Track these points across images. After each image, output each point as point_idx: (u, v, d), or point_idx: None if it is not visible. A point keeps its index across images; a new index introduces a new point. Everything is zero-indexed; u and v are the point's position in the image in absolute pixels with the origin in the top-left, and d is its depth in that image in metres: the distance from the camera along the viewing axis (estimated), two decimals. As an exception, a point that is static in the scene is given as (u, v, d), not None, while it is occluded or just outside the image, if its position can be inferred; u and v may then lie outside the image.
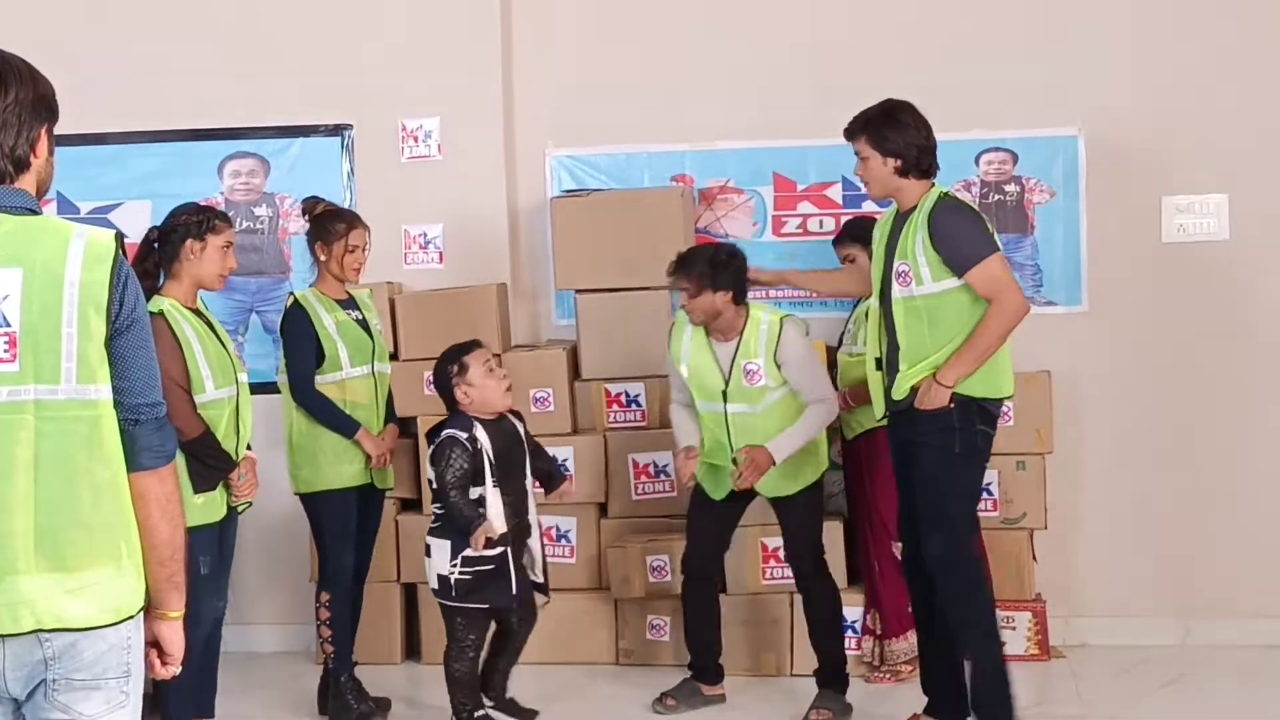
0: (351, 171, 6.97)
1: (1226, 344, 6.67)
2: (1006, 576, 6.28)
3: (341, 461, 5.73)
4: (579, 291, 6.71)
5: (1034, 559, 6.41)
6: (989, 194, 6.71)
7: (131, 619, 2.83)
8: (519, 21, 7.03)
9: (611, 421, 6.63)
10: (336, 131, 6.98)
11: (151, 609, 2.92)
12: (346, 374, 5.74)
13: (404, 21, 6.91)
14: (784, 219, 6.88)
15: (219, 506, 5.01)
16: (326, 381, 5.72)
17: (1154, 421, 6.71)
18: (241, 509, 5.16)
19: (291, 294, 5.87)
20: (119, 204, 7.01)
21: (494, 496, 5.34)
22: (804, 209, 6.86)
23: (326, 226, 5.79)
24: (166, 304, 4.94)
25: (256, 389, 5.60)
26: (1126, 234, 6.70)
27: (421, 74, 6.88)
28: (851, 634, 6.16)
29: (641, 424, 6.63)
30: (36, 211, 2.83)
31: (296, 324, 5.72)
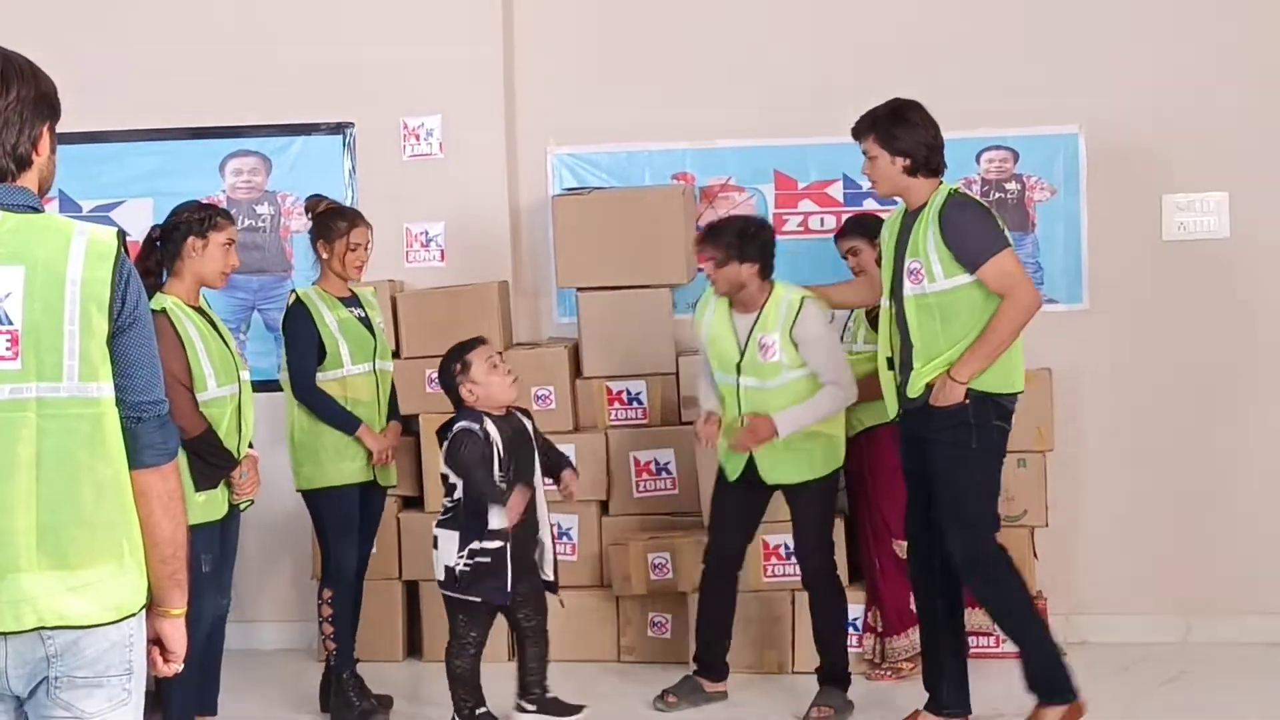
0: (353, 169, 6.98)
1: (1227, 341, 6.67)
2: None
3: (343, 458, 5.73)
4: (580, 289, 6.72)
5: (1035, 556, 6.42)
6: (990, 192, 6.71)
7: (133, 616, 2.83)
8: (520, 20, 7.03)
9: (613, 419, 6.64)
10: (338, 130, 6.98)
11: (154, 606, 2.92)
12: (347, 371, 5.75)
13: (405, 20, 6.91)
14: (785, 217, 6.88)
15: (221, 504, 5.02)
16: (328, 379, 5.73)
17: (1155, 419, 6.71)
18: (244, 507, 5.17)
19: (293, 291, 5.88)
20: (121, 202, 7.01)
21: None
22: (805, 207, 6.87)
23: (328, 224, 5.80)
24: (169, 302, 4.95)
25: (258, 387, 5.60)
26: (1127, 232, 6.71)
27: (423, 72, 6.89)
28: (853, 631, 6.15)
29: (643, 422, 6.63)
30: (38, 209, 2.83)
31: (298, 321, 5.72)
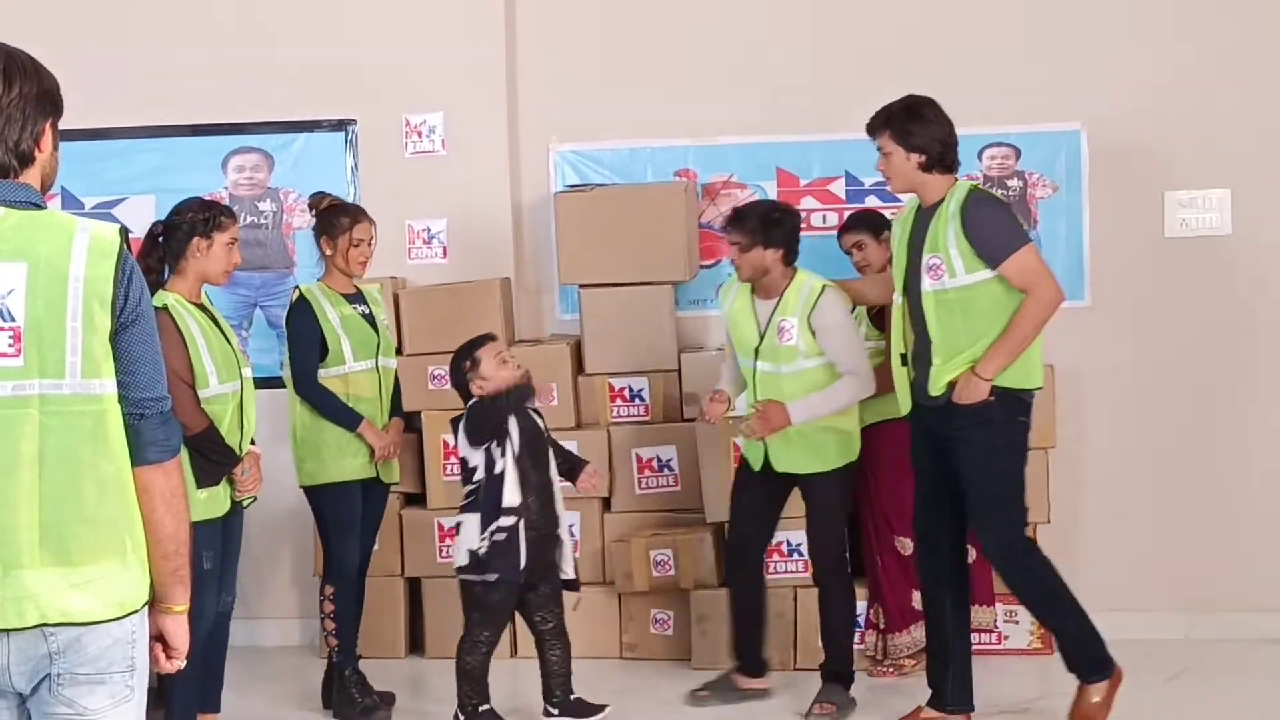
0: (355, 167, 6.98)
1: (1228, 338, 6.67)
2: (1009, 571, 6.30)
3: (345, 455, 5.74)
4: (582, 286, 6.72)
5: (1037, 553, 6.43)
6: (991, 189, 6.71)
7: (136, 613, 2.83)
8: (522, 17, 7.03)
9: (615, 416, 6.64)
10: (340, 126, 6.99)
11: (156, 603, 2.92)
12: (349, 368, 5.75)
13: (407, 17, 6.91)
14: (787, 214, 6.87)
15: (223, 501, 5.02)
16: (329, 375, 5.73)
17: (1156, 416, 6.71)
18: (246, 503, 5.17)
19: (297, 288, 5.88)
20: (123, 199, 7.02)
21: (512, 472, 5.36)
22: (807, 204, 6.86)
23: (331, 221, 5.81)
24: (171, 299, 4.95)
25: (260, 384, 5.60)
26: (1129, 229, 6.71)
27: (425, 69, 6.89)
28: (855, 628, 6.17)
29: (645, 418, 6.63)
30: (41, 206, 2.83)
31: (300, 317, 5.73)
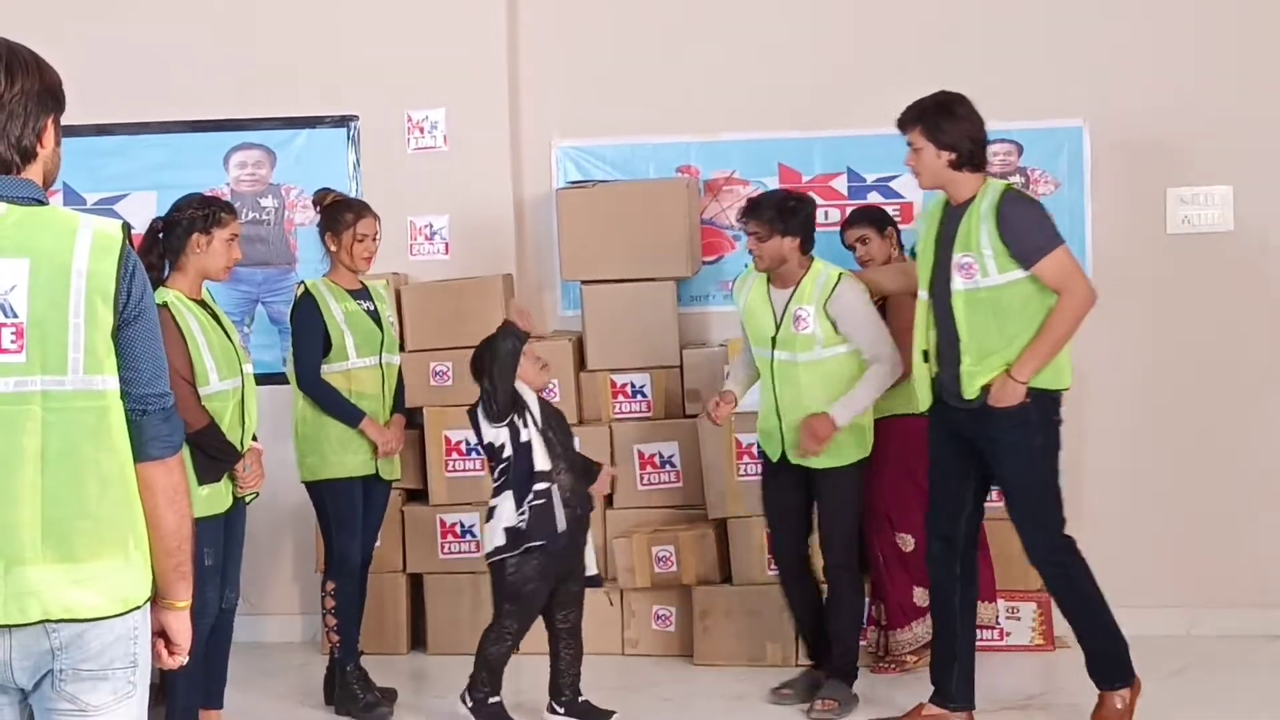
0: (357, 163, 6.98)
1: (1230, 335, 6.67)
2: (1011, 568, 6.28)
3: (347, 451, 5.74)
4: (584, 282, 6.72)
5: (1039, 550, 6.43)
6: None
7: (138, 609, 2.83)
8: (525, 13, 7.03)
9: (617, 412, 6.64)
10: (342, 123, 6.99)
11: (158, 599, 2.92)
12: (352, 364, 5.75)
13: (410, 13, 6.91)
14: (789, 210, 6.87)
15: (224, 498, 5.02)
16: (332, 371, 5.74)
17: (1158, 412, 6.71)
18: (249, 499, 5.17)
19: (302, 283, 5.88)
20: (125, 195, 7.02)
21: (538, 440, 5.41)
22: (809, 200, 6.86)
23: (335, 216, 5.81)
24: (171, 296, 4.95)
25: (262, 379, 5.60)
26: (1131, 225, 6.70)
27: (427, 65, 6.89)
28: (855, 625, 6.17)
29: (647, 414, 6.64)
30: (43, 202, 2.83)
31: (304, 313, 5.73)
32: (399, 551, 6.63)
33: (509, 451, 5.41)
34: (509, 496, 5.40)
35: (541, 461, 5.40)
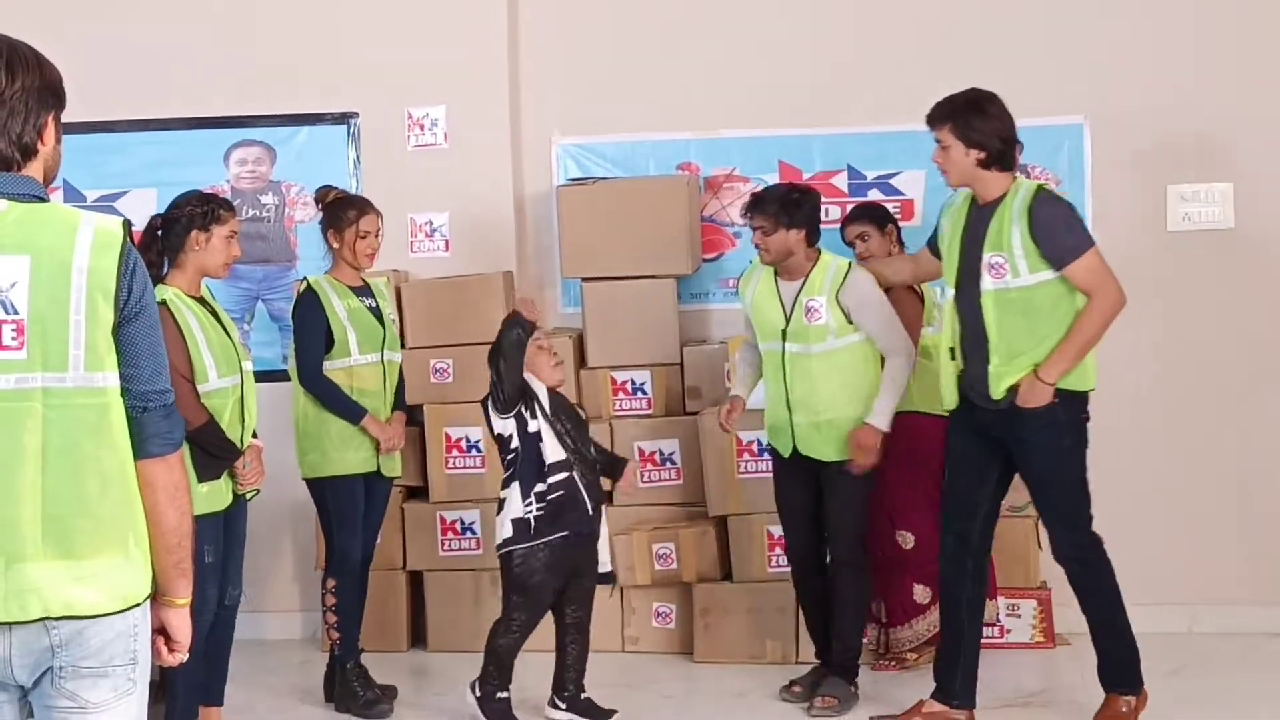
0: (358, 160, 6.98)
1: (1231, 332, 6.67)
2: (1012, 565, 6.30)
3: (348, 448, 5.74)
4: (585, 280, 6.72)
5: (1039, 547, 6.42)
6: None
7: (139, 606, 2.83)
8: (525, 10, 7.03)
9: (617, 409, 6.64)
10: (343, 120, 6.98)
11: (158, 596, 2.92)
12: (355, 361, 5.75)
13: (410, 10, 6.91)
14: (790, 207, 6.87)
15: (224, 495, 5.02)
16: (335, 367, 5.73)
17: (1159, 409, 6.71)
18: (249, 496, 5.17)
19: (305, 279, 5.88)
20: (125, 192, 7.02)
21: (548, 430, 5.40)
22: (810, 198, 6.85)
23: (338, 213, 5.80)
24: (170, 293, 4.95)
25: (262, 377, 5.60)
26: (1132, 223, 6.70)
27: (428, 62, 6.89)
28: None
29: (647, 412, 6.63)
30: (44, 199, 2.83)
31: (307, 309, 5.73)
32: (399, 548, 6.63)
33: (516, 442, 5.41)
34: (516, 488, 5.41)
35: (553, 452, 5.40)
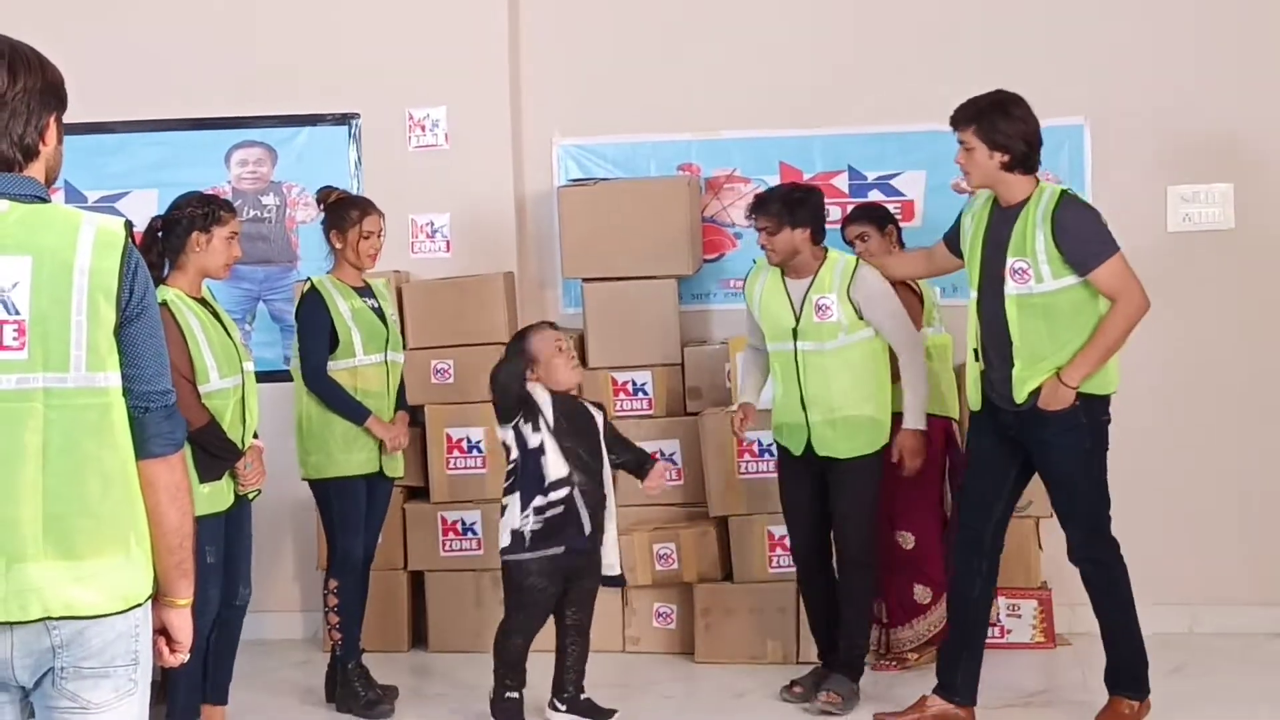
0: (359, 160, 6.98)
1: (1231, 333, 6.67)
2: (1012, 565, 6.29)
3: (352, 448, 5.74)
4: (586, 280, 6.72)
5: (1040, 547, 6.43)
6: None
7: (140, 606, 2.83)
8: (526, 11, 7.03)
9: (619, 410, 6.64)
10: (344, 120, 6.99)
11: (160, 597, 2.92)
12: (359, 361, 5.75)
13: (411, 10, 6.91)
14: (790, 208, 6.87)
15: (225, 496, 5.03)
16: (339, 368, 5.73)
17: (1159, 409, 6.70)
18: (252, 497, 5.18)
19: (309, 279, 5.88)
20: (126, 193, 7.02)
21: (551, 445, 5.38)
22: (810, 198, 6.85)
23: (340, 214, 5.80)
24: (170, 294, 4.95)
25: (263, 377, 5.61)
26: (1132, 223, 6.65)
27: (429, 63, 6.89)
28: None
29: (648, 412, 6.64)
30: (45, 200, 2.83)
31: (312, 309, 5.73)
32: (400, 549, 6.63)
33: (515, 455, 5.41)
34: (516, 499, 5.40)
35: (555, 469, 5.37)
